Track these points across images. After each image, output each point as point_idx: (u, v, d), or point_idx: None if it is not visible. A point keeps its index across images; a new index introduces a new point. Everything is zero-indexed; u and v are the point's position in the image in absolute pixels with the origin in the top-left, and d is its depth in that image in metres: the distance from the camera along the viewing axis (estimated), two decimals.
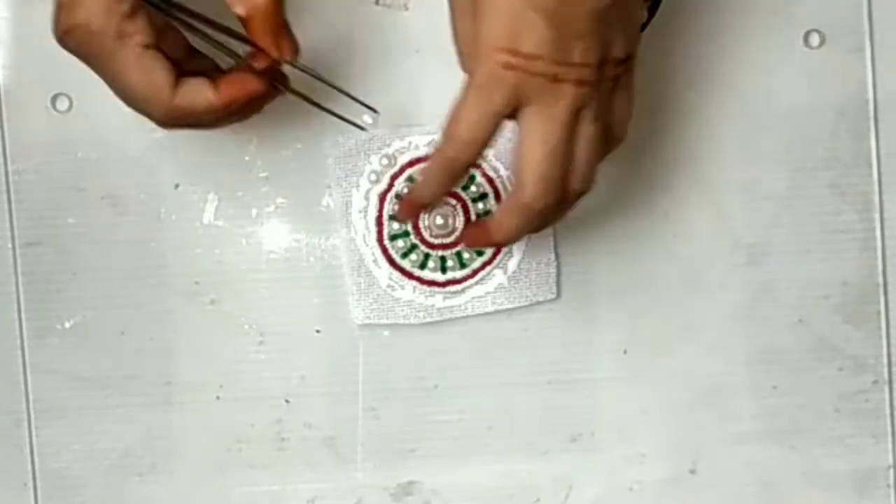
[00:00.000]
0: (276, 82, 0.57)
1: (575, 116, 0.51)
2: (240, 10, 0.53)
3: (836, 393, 0.68)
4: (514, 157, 0.53)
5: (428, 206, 0.60)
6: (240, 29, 0.54)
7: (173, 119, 0.55)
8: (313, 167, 0.67)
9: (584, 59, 0.50)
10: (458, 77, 0.65)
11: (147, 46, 0.53)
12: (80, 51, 0.54)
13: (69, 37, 0.53)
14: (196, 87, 0.55)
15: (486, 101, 0.51)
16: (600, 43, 0.51)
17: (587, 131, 0.52)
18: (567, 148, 0.52)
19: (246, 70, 0.55)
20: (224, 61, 0.57)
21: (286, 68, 0.57)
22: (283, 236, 0.67)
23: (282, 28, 0.54)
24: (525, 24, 0.50)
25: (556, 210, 0.54)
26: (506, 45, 0.50)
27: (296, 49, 0.55)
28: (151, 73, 0.53)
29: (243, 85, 0.55)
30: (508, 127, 0.61)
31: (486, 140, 0.52)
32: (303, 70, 0.58)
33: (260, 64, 0.55)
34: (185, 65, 0.56)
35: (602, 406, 0.68)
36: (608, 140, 0.54)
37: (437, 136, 0.65)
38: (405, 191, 0.66)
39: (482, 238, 0.56)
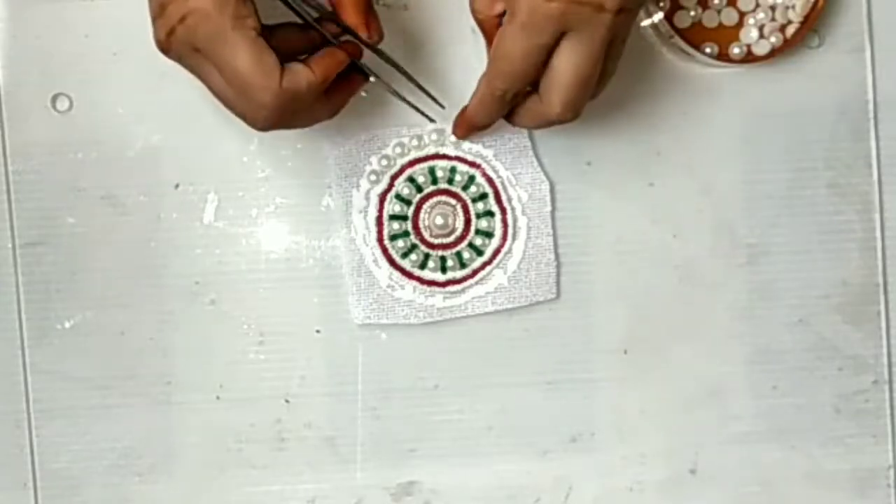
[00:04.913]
0: (360, 65, 0.59)
1: (609, 44, 0.54)
2: None
3: (836, 393, 0.68)
4: (544, 74, 0.55)
5: (485, 129, 0.62)
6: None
7: (281, 104, 0.55)
8: (313, 167, 0.67)
9: None
10: (457, 77, 0.65)
11: (257, 31, 0.54)
12: (192, 40, 0.54)
13: (181, 26, 0.53)
14: (295, 70, 0.55)
15: (533, 36, 0.54)
16: None
17: (613, 55, 0.56)
18: (597, 73, 0.55)
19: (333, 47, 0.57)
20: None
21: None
22: (283, 236, 0.67)
23: (370, 8, 0.57)
24: None
25: None
26: None
27: (381, 31, 0.58)
28: (264, 56, 0.54)
29: (333, 58, 0.57)
30: (508, 127, 0.62)
31: (536, 71, 0.55)
32: (382, 57, 0.59)
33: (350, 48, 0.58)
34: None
35: (602, 406, 0.68)
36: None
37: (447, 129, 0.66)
38: (405, 191, 0.66)
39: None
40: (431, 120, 0.64)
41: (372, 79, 0.60)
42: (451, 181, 0.67)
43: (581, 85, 0.55)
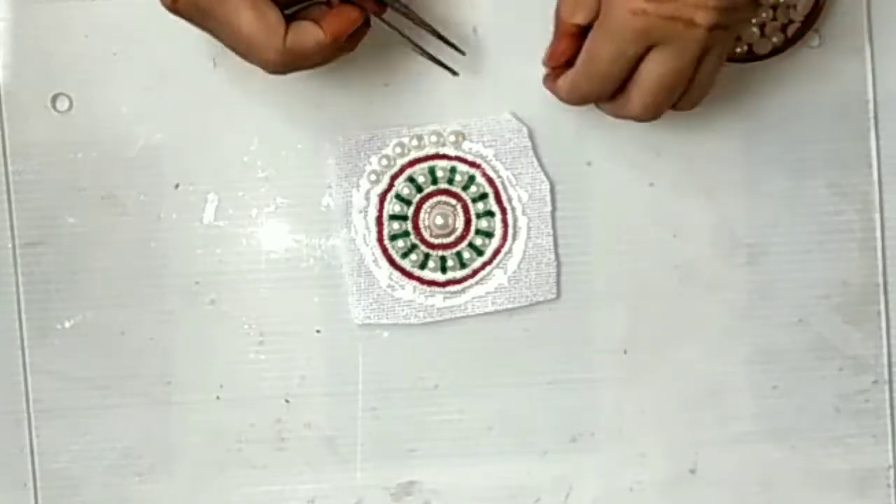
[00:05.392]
0: (373, 8, 0.58)
1: (699, 60, 0.54)
2: None
3: (836, 393, 0.68)
4: (634, 74, 0.56)
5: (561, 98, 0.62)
6: None
7: (286, 61, 0.55)
8: (313, 167, 0.67)
9: (718, 3, 0.52)
10: (457, 77, 0.65)
11: None
12: (196, 1, 0.54)
13: None
14: (303, 27, 0.55)
15: (618, 45, 0.54)
16: None
17: (707, 67, 0.55)
18: (683, 83, 0.56)
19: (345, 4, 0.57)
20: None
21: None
22: (283, 236, 0.67)
23: None
24: None
25: None
26: None
27: None
28: (265, 15, 0.54)
29: (347, 17, 0.57)
30: (508, 127, 0.61)
31: (622, 77, 0.56)
32: (396, 8, 0.59)
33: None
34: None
35: (602, 406, 0.68)
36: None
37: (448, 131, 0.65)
38: (405, 191, 0.66)
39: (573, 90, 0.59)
40: (454, 73, 0.62)
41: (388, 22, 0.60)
42: (451, 181, 0.67)
43: (662, 92, 0.55)
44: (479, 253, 0.67)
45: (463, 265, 0.67)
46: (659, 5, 0.52)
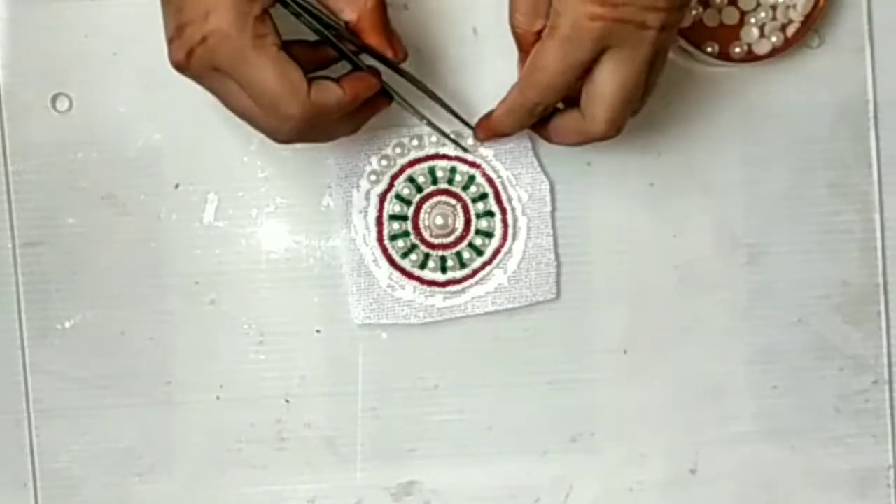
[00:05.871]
0: (385, 85, 0.59)
1: (654, 60, 0.54)
2: (348, 14, 0.56)
3: (836, 393, 0.68)
4: (586, 90, 0.56)
5: (508, 136, 0.62)
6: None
7: (309, 116, 0.55)
8: (313, 167, 0.67)
9: (668, 3, 0.52)
10: (456, 77, 0.65)
11: (279, 46, 0.54)
12: (213, 61, 0.53)
13: (201, 47, 0.53)
14: (325, 85, 0.56)
15: (573, 52, 0.54)
16: None
17: (656, 69, 0.56)
18: (641, 88, 0.55)
19: (363, 72, 0.58)
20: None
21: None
22: (283, 236, 0.67)
23: (389, 28, 0.57)
24: None
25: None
26: None
27: (405, 49, 0.58)
28: (289, 71, 0.54)
29: (365, 82, 0.57)
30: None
31: (570, 86, 0.55)
32: (403, 76, 0.60)
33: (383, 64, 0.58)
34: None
35: (602, 406, 0.68)
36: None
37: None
38: (405, 191, 0.66)
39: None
40: (465, 149, 0.65)
41: (396, 99, 0.61)
42: (451, 181, 0.67)
43: (625, 101, 0.55)
44: (479, 253, 0.67)
45: (463, 265, 0.67)
46: (613, 9, 0.52)
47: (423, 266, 0.67)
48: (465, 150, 0.65)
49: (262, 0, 0.53)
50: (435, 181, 0.67)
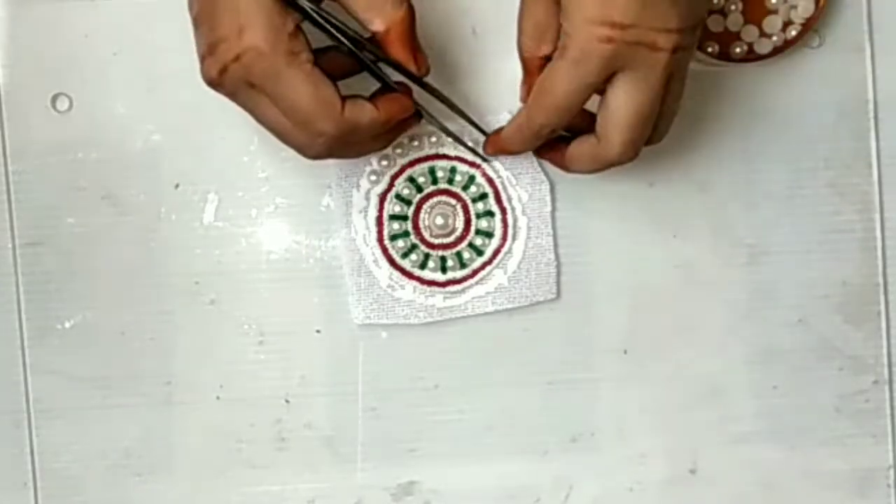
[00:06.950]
0: (418, 106, 0.59)
1: (668, 82, 0.54)
2: (378, 25, 0.55)
3: (836, 393, 0.68)
4: (600, 113, 0.55)
5: (515, 154, 0.62)
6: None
7: (342, 133, 0.55)
8: (313, 167, 0.67)
9: (680, 24, 0.52)
10: (456, 77, 0.65)
11: (312, 63, 0.53)
12: (247, 78, 0.53)
13: (235, 64, 0.53)
14: (359, 103, 0.55)
15: (582, 75, 0.53)
16: (694, 5, 0.52)
17: (672, 93, 0.55)
18: (656, 111, 0.55)
19: (395, 91, 0.58)
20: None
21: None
22: (283, 236, 0.67)
23: (416, 42, 0.56)
24: None
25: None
26: (601, 17, 0.51)
27: (428, 64, 0.57)
28: (323, 87, 0.54)
29: (400, 103, 0.57)
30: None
31: (579, 108, 0.55)
32: (427, 89, 0.59)
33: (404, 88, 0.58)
34: None
35: (602, 406, 0.68)
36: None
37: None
38: (405, 191, 0.66)
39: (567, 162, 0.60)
40: (485, 159, 0.65)
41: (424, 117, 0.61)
42: (451, 181, 0.67)
43: (640, 124, 0.54)
44: (479, 253, 0.67)
45: (463, 265, 0.67)
46: (623, 31, 0.51)
47: (423, 266, 0.67)
48: (485, 160, 0.65)
49: (294, 16, 0.53)
50: (435, 181, 0.67)
